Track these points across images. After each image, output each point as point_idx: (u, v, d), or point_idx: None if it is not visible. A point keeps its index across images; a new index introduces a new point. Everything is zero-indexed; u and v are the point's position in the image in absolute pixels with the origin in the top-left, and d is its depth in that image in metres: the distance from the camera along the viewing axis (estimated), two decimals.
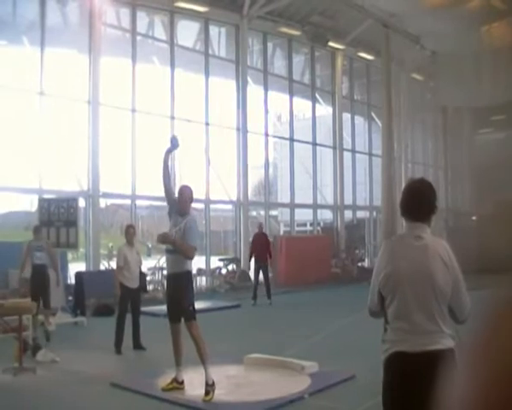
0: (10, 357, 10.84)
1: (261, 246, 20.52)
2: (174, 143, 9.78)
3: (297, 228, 31.17)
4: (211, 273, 25.21)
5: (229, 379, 10.09)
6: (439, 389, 0.86)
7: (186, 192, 9.48)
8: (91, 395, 9.51)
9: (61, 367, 11.21)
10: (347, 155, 32.92)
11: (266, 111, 29.01)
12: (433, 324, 4.32)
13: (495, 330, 0.84)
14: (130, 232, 13.25)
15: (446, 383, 0.86)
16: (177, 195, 9.61)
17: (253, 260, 21.24)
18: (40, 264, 14.27)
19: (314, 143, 31.23)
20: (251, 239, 22.29)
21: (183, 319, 9.28)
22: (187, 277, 9.29)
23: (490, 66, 29.27)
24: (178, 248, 9.02)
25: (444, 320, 4.36)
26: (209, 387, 9.00)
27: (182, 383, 9.52)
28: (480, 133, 35.23)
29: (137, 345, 12.82)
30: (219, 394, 9.11)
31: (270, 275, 21.50)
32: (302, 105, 33.29)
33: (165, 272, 18.77)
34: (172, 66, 24.88)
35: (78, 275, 18.22)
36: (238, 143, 26.93)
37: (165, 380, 9.70)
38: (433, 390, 0.86)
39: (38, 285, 14.03)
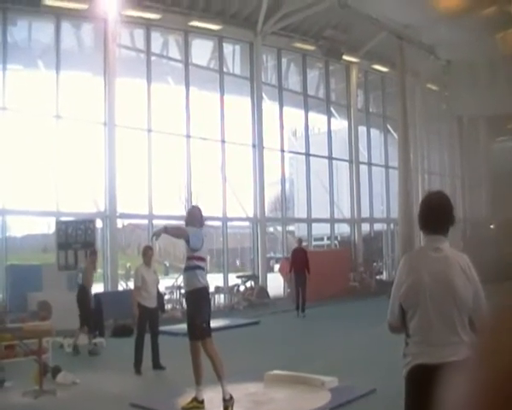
0: (30, 380, 10.86)
1: (301, 260, 21.30)
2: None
3: (314, 242, 31.10)
4: (229, 291, 25.20)
5: (249, 397, 10.07)
6: (457, 400, 0.86)
7: (194, 212, 10.01)
8: None
9: (81, 389, 11.21)
10: (363, 168, 32.87)
11: (282, 127, 29.02)
12: (454, 335, 4.33)
13: (494, 333, 0.85)
14: (148, 254, 13.32)
15: (464, 393, 0.86)
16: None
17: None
18: (79, 284, 15.59)
19: (330, 157, 31.22)
20: (290, 254, 22.97)
21: None
22: (199, 294, 9.35)
23: (505, 73, 29.16)
24: (172, 233, 9.72)
25: (464, 331, 4.37)
26: (227, 402, 9.02)
27: (202, 402, 9.50)
28: (496, 141, 35.07)
29: (157, 365, 12.81)
30: None
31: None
32: (317, 119, 33.27)
33: (183, 291, 18.92)
34: (187, 85, 24.99)
35: (97, 296, 18.19)
36: (254, 160, 26.95)
37: (185, 399, 9.69)
38: (453, 402, 0.86)
39: (78, 304, 15.18)
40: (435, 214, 4.56)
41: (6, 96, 19.89)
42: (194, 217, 9.73)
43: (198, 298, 9.33)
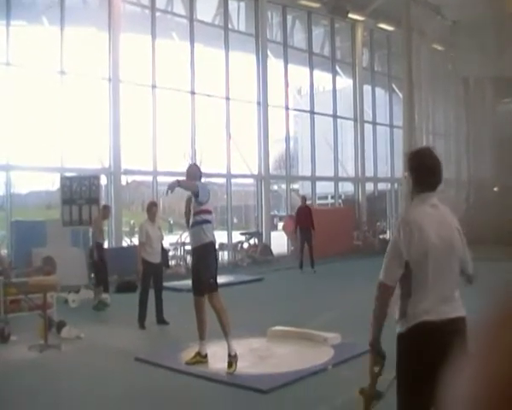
0: (36, 334, 10.98)
1: (305, 217, 21.61)
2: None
3: (318, 201, 31.11)
4: (233, 248, 25.31)
5: (253, 352, 10.15)
6: (460, 357, 0.86)
7: (193, 169, 10.17)
8: (116, 370, 9.61)
9: (86, 343, 11.32)
10: (368, 127, 32.80)
11: (286, 84, 28.90)
12: (453, 292, 4.42)
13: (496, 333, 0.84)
14: (152, 210, 13.38)
15: (464, 351, 0.86)
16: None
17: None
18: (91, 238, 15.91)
19: (335, 116, 31.13)
20: (295, 212, 23.14)
21: None
22: (206, 249, 9.41)
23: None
24: (184, 186, 9.44)
25: (457, 287, 4.48)
26: (232, 358, 9.10)
27: (205, 356, 9.60)
28: (502, 103, 34.80)
29: (161, 320, 12.92)
30: (243, 366, 9.17)
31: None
32: (322, 78, 33.13)
33: (187, 248, 19.03)
34: (192, 41, 24.82)
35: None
36: (259, 117, 26.89)
37: (188, 354, 9.79)
38: (457, 358, 0.86)
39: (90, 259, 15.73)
40: (433, 172, 4.53)
41: (10, 51, 19.77)
42: (193, 174, 9.82)
43: (204, 253, 9.39)
